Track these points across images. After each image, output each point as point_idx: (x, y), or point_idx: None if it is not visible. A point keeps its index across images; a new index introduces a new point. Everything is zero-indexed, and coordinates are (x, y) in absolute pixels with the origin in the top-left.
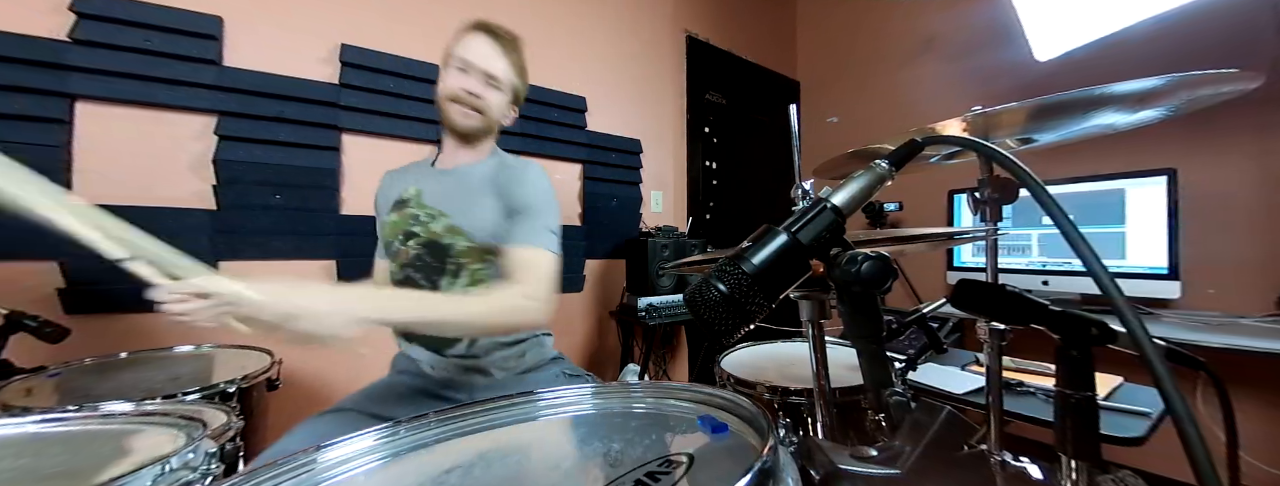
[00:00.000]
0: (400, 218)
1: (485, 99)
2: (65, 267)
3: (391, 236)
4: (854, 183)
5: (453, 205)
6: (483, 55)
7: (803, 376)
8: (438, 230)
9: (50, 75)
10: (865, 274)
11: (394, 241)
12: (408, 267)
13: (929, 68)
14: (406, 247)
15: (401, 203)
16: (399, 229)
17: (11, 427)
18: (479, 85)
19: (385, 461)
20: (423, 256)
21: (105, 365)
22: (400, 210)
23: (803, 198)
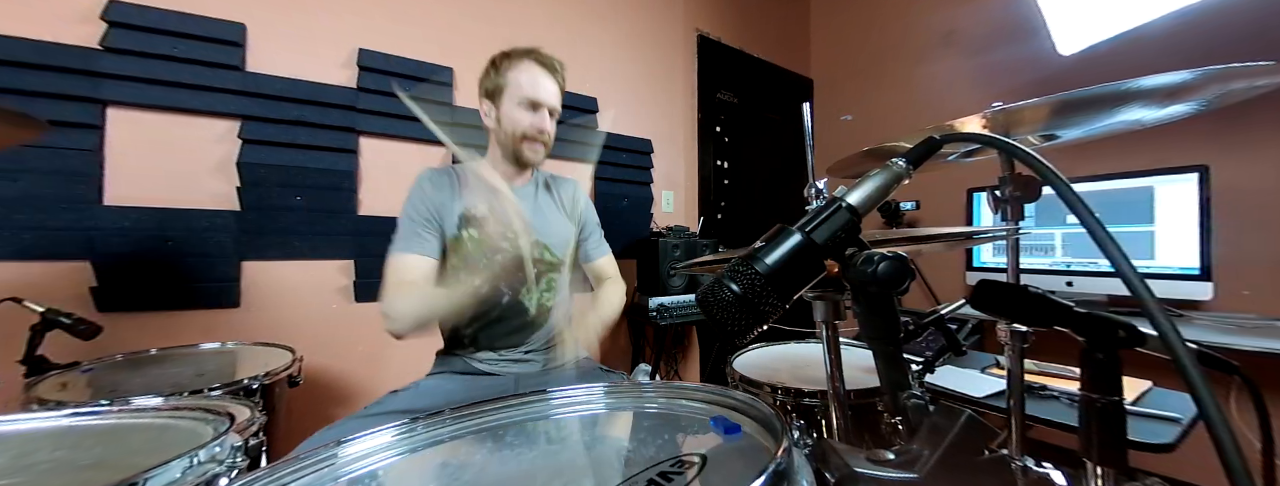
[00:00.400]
0: (484, 236)
1: (550, 133)
2: (97, 267)
3: (476, 253)
4: (870, 181)
5: (533, 222)
6: (550, 93)
7: (816, 378)
8: (524, 248)
9: (83, 82)
10: (882, 274)
11: (480, 258)
12: (490, 281)
13: (946, 63)
14: (492, 261)
15: (476, 220)
16: (485, 247)
17: (48, 421)
18: (547, 122)
19: (402, 456)
20: (510, 269)
21: (136, 361)
22: (480, 228)
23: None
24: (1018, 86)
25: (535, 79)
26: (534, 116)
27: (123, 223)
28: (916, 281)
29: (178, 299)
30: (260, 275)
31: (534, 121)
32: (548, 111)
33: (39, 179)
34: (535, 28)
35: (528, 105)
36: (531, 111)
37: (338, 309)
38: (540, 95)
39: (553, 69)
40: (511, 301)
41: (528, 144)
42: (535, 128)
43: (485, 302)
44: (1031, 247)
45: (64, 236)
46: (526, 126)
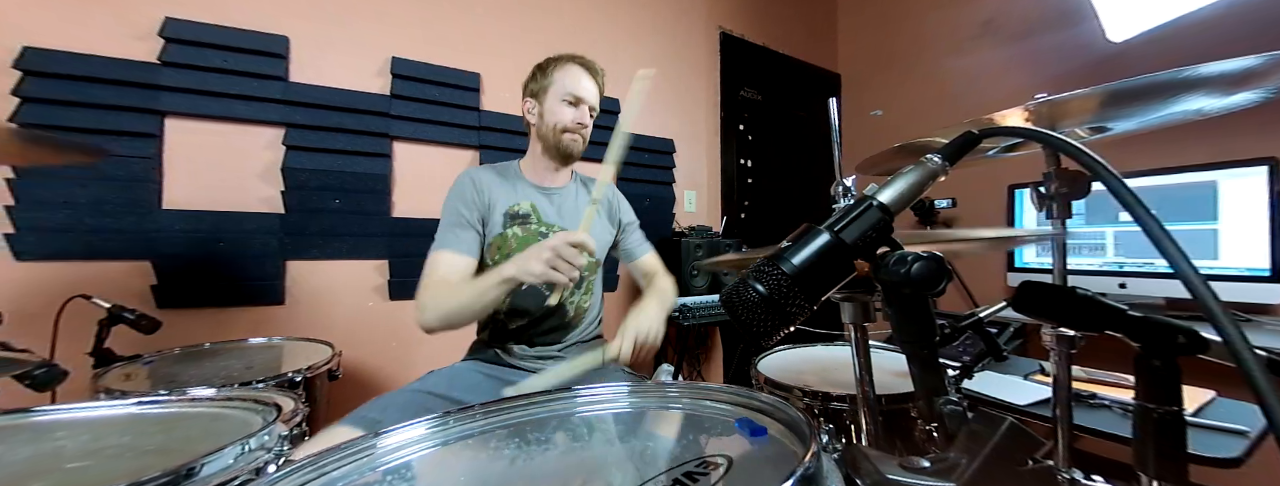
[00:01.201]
0: (526, 233)
1: (589, 128)
2: (157, 266)
3: (520, 250)
4: (902, 179)
5: (574, 224)
6: (591, 92)
7: (845, 381)
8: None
9: (144, 94)
10: (916, 275)
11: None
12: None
13: (985, 54)
14: None
15: (520, 218)
16: (527, 243)
17: (116, 409)
18: (588, 117)
19: (435, 448)
20: None
21: (191, 354)
22: (523, 225)
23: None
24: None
25: (577, 78)
26: (575, 111)
27: (180, 225)
28: (953, 283)
29: (228, 296)
30: (302, 274)
31: (575, 116)
32: (588, 108)
33: (106, 185)
34: (557, 32)
35: (570, 100)
36: (573, 107)
37: (373, 307)
38: (581, 92)
39: (594, 71)
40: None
41: (568, 135)
42: (576, 121)
43: (527, 301)
44: (1080, 247)
45: (127, 238)
46: (568, 120)
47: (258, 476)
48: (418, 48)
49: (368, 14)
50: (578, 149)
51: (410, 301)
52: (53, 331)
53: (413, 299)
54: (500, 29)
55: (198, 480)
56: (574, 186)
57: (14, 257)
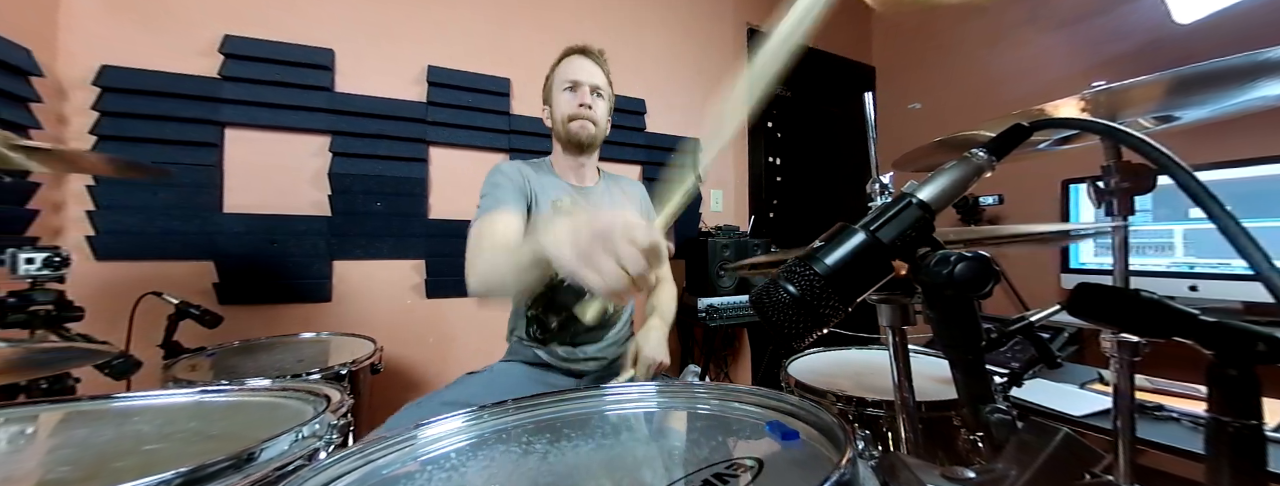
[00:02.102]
0: None
1: (595, 108)
2: (219, 265)
3: None
4: (944, 175)
5: None
6: (587, 71)
7: (881, 387)
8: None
9: (206, 107)
10: (959, 276)
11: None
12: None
13: (1033, 40)
14: None
15: (564, 212)
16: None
17: (184, 397)
18: (589, 97)
19: (471, 441)
20: None
21: (249, 347)
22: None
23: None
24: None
25: (571, 64)
26: (574, 95)
27: (238, 228)
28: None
29: (282, 293)
30: (348, 273)
31: (575, 98)
32: (589, 88)
33: (174, 192)
34: (584, 34)
35: (568, 85)
36: (572, 91)
37: (412, 304)
38: (578, 75)
39: (588, 53)
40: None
41: (575, 122)
42: (577, 103)
43: (567, 293)
44: (1144, 246)
45: (192, 239)
46: (567, 107)
47: (310, 461)
48: (452, 56)
49: (405, 25)
50: (587, 134)
51: (446, 299)
52: (128, 325)
53: (451, 297)
54: (528, 35)
55: (258, 463)
56: (605, 185)
57: (94, 257)
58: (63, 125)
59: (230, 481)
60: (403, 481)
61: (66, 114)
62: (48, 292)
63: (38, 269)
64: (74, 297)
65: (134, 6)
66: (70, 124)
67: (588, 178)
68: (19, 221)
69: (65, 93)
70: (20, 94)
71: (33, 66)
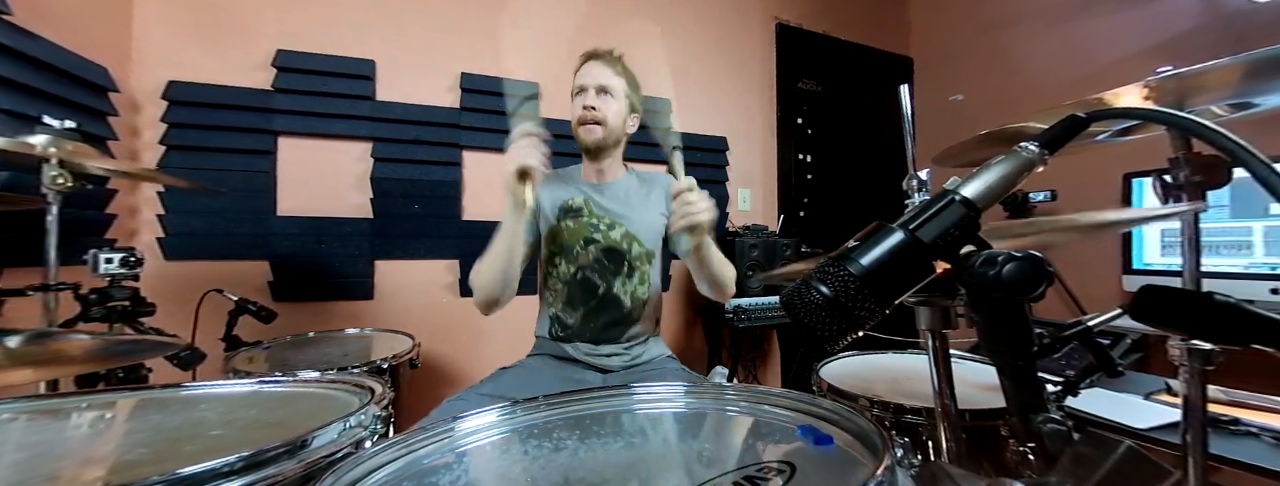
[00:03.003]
0: (578, 225)
1: (601, 109)
2: (273, 265)
3: (572, 240)
4: (991, 170)
5: (624, 215)
6: (592, 74)
7: (919, 393)
8: (616, 237)
9: (261, 117)
10: (1007, 277)
11: (574, 245)
12: (585, 269)
13: (1089, 24)
14: (587, 252)
15: (572, 211)
16: (579, 234)
17: (244, 387)
18: (594, 98)
19: (505, 434)
20: (601, 260)
21: (300, 341)
22: (575, 218)
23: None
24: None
25: (581, 70)
26: (581, 98)
27: (291, 230)
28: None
29: (329, 291)
30: (388, 272)
31: (580, 102)
32: (594, 89)
33: (233, 197)
34: (606, 35)
35: (576, 92)
36: (580, 96)
37: (447, 302)
38: (583, 79)
39: (599, 56)
40: (607, 293)
41: (582, 127)
42: (581, 106)
43: (579, 290)
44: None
45: (250, 241)
46: (576, 111)
47: (357, 449)
48: (483, 62)
49: (440, 34)
50: (593, 138)
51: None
52: (194, 320)
53: None
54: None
55: (310, 450)
56: (628, 179)
57: (164, 257)
58: (136, 137)
59: (285, 466)
60: (441, 471)
61: (139, 126)
62: (124, 290)
63: (116, 268)
64: (146, 294)
65: (196, 25)
66: (142, 135)
67: (609, 175)
68: (99, 225)
69: (138, 106)
70: (99, 108)
71: (109, 83)
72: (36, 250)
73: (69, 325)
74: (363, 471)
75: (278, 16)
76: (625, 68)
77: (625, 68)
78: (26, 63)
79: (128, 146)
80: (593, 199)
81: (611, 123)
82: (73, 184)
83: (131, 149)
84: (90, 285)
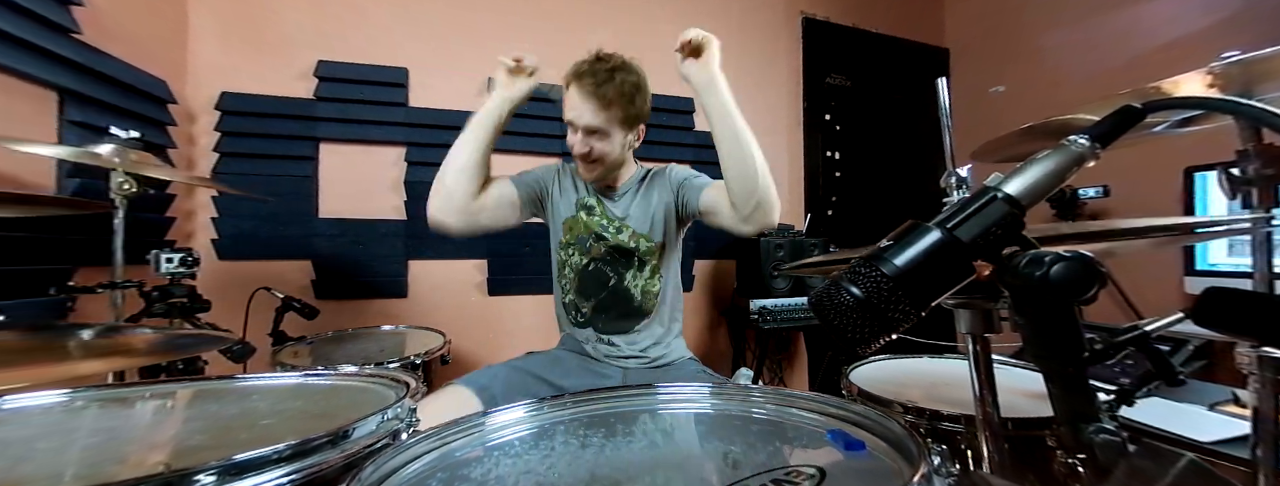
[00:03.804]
0: (590, 220)
1: (594, 150)
2: (315, 264)
3: (584, 232)
4: (1037, 166)
5: (630, 217)
6: (577, 111)
7: (957, 399)
8: (624, 239)
9: (304, 125)
10: (1056, 278)
11: (588, 238)
12: (597, 261)
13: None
14: (597, 246)
15: (587, 208)
16: (590, 229)
17: (290, 379)
18: (581, 143)
19: (532, 430)
20: (610, 255)
21: (339, 337)
22: (588, 214)
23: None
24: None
25: (570, 101)
26: (572, 136)
27: (331, 231)
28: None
29: (366, 289)
30: (421, 271)
31: (572, 140)
32: (583, 130)
33: (280, 201)
34: (627, 32)
35: (567, 123)
36: (572, 131)
37: (476, 301)
38: (571, 115)
39: (583, 81)
40: (617, 285)
41: (582, 164)
42: (572, 145)
43: (591, 281)
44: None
45: (294, 241)
46: (570, 143)
47: (394, 440)
48: None
49: (469, 39)
50: (592, 175)
51: (508, 297)
52: (244, 316)
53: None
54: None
55: (351, 440)
56: (634, 183)
57: (217, 257)
58: (192, 145)
59: (328, 455)
60: (472, 465)
61: (195, 135)
62: (183, 288)
63: (175, 267)
64: (202, 292)
65: (246, 38)
66: (198, 143)
67: (619, 180)
68: (160, 227)
69: (194, 116)
70: (159, 119)
71: (168, 95)
72: (105, 251)
73: (134, 320)
74: (400, 462)
75: (317, 27)
76: (621, 81)
77: (621, 81)
78: (96, 78)
79: (185, 154)
80: (604, 202)
81: (610, 158)
82: (137, 190)
83: (189, 156)
84: (153, 283)
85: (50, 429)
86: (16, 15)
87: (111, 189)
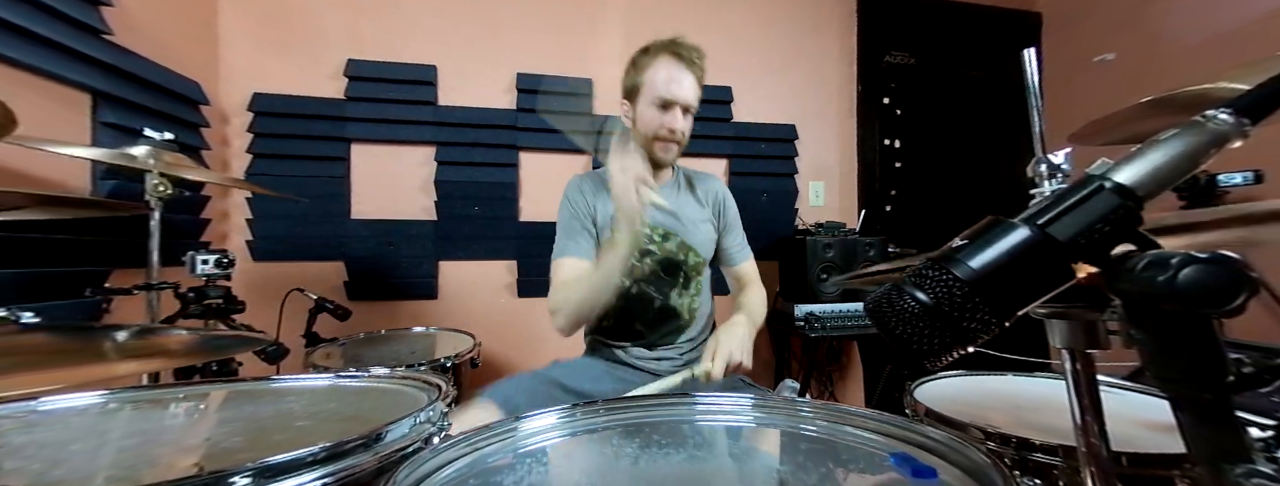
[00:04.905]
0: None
1: (683, 130)
2: (348, 265)
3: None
4: (1159, 149)
5: (677, 224)
6: (685, 90)
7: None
8: (672, 248)
9: (335, 125)
10: (1186, 284)
11: (630, 257)
12: (640, 282)
13: None
14: (642, 264)
15: None
16: (635, 245)
17: (324, 381)
18: (679, 121)
19: (565, 437)
20: (658, 272)
21: (371, 339)
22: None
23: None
24: None
25: (671, 75)
26: (665, 116)
27: (363, 232)
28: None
29: (397, 290)
30: (451, 272)
31: (665, 121)
32: (681, 109)
33: (312, 202)
34: (667, 16)
35: (660, 104)
36: (663, 111)
37: (505, 303)
38: (673, 92)
39: (691, 61)
40: (664, 305)
41: (660, 144)
42: (666, 127)
43: (636, 303)
44: None
45: (327, 243)
46: (657, 127)
47: (426, 445)
48: (539, 62)
49: (497, 37)
50: (670, 158)
51: (537, 298)
52: (278, 317)
53: (540, 296)
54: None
55: (384, 443)
56: (676, 182)
57: (252, 259)
58: (226, 146)
59: (362, 458)
60: (505, 472)
61: (228, 136)
62: (218, 289)
63: (211, 269)
64: (237, 293)
65: (276, 38)
66: (231, 145)
67: (659, 179)
68: (195, 228)
69: (226, 118)
70: (193, 121)
71: (202, 97)
72: (140, 252)
73: (169, 321)
74: (432, 466)
75: (346, 24)
76: (703, 68)
77: (703, 68)
78: (128, 80)
79: (219, 155)
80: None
81: (685, 141)
82: (172, 192)
83: (222, 157)
84: (188, 284)
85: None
86: (46, 16)
87: (146, 191)
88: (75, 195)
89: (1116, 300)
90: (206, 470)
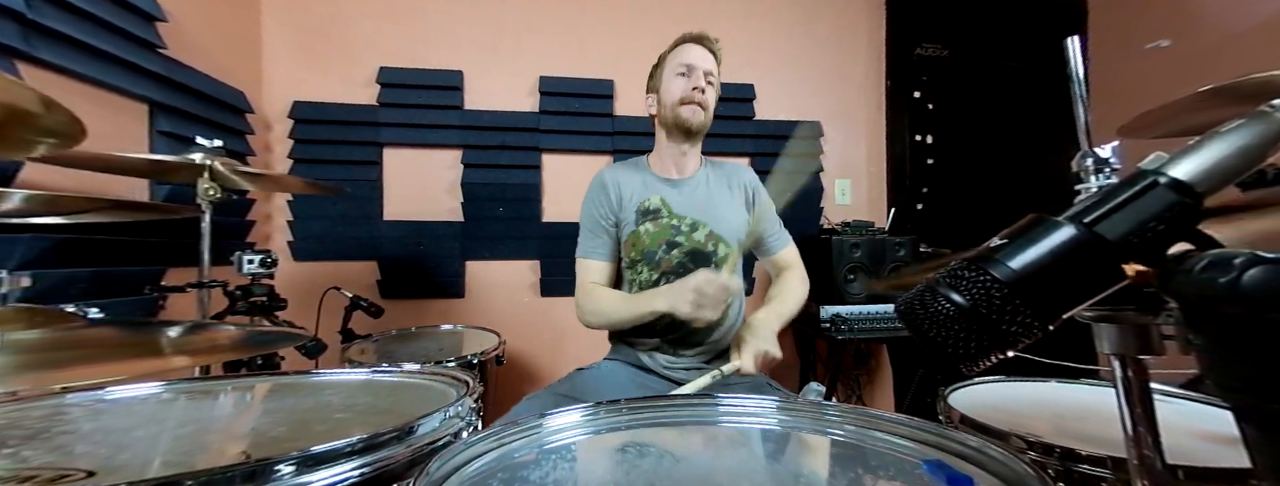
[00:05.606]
0: (658, 228)
1: (707, 95)
2: (381, 265)
3: (653, 246)
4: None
5: (706, 214)
6: (701, 57)
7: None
8: (700, 239)
9: (369, 130)
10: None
11: (656, 250)
12: (669, 275)
13: None
14: (670, 257)
15: (650, 213)
16: (661, 238)
17: (359, 376)
18: (702, 82)
19: (588, 436)
20: (686, 264)
21: (402, 336)
22: (654, 220)
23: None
24: None
25: (686, 50)
26: (688, 79)
27: (395, 233)
28: None
29: (426, 289)
30: (477, 272)
31: (688, 83)
32: (702, 73)
33: (348, 204)
34: (686, 11)
35: (681, 70)
36: (685, 76)
37: (529, 302)
38: (692, 59)
39: (703, 40)
40: None
41: (686, 107)
42: (690, 87)
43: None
44: None
45: (361, 243)
46: (682, 90)
47: (456, 439)
48: (559, 64)
49: (521, 41)
50: (698, 120)
51: (560, 298)
52: (316, 314)
53: (562, 296)
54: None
55: (416, 436)
56: (704, 173)
57: (293, 258)
58: (269, 152)
59: (396, 450)
60: (530, 467)
61: (271, 142)
62: (263, 287)
63: (256, 268)
64: (278, 291)
65: (314, 48)
66: (273, 150)
67: (688, 167)
68: (241, 230)
69: (269, 125)
70: (239, 128)
71: (247, 105)
72: (192, 252)
73: (218, 317)
74: (462, 459)
75: (378, 33)
76: (719, 55)
77: (719, 55)
78: (181, 90)
79: (262, 161)
80: (668, 199)
81: (710, 110)
82: (221, 195)
83: (265, 162)
84: (235, 283)
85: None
86: (108, 32)
87: (198, 195)
88: (136, 200)
89: (1172, 303)
90: (253, 458)
